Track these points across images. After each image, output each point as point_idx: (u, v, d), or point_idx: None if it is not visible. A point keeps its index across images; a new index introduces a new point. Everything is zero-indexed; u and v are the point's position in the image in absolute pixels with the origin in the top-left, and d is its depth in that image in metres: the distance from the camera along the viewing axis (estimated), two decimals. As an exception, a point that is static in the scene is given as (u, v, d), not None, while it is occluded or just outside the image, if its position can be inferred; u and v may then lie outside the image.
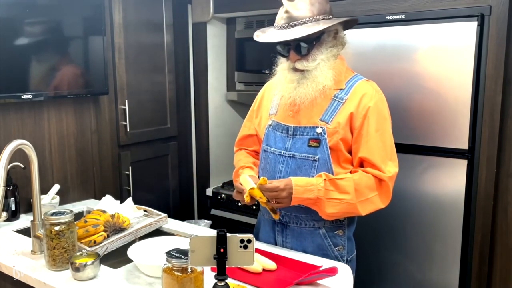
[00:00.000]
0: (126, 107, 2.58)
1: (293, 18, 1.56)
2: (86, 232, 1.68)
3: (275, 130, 1.71)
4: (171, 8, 2.83)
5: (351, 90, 1.63)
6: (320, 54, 1.60)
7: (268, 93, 1.82)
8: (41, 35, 2.09)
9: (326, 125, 1.61)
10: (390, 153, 1.63)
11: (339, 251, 1.70)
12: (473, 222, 2.00)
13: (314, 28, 1.54)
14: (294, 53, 1.61)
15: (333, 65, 1.62)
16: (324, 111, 1.62)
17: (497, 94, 1.90)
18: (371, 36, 2.15)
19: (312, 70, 1.60)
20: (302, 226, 1.69)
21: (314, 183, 1.55)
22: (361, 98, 1.61)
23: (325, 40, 1.61)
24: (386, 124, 1.63)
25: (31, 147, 1.67)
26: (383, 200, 1.61)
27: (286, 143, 1.67)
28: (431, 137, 2.04)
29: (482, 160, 1.95)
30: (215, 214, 3.00)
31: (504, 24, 1.85)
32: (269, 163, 1.71)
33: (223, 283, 1.18)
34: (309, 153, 1.62)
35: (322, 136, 1.60)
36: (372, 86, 1.66)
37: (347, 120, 1.60)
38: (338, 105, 1.62)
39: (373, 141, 1.59)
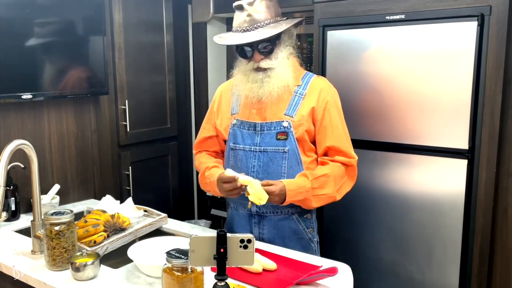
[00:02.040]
0: (126, 107, 2.58)
1: (256, 21, 1.70)
2: (86, 232, 1.68)
3: (241, 129, 1.80)
4: (171, 8, 2.83)
5: (308, 85, 1.77)
6: (280, 52, 1.73)
7: (225, 95, 1.91)
8: (41, 35, 2.09)
9: (291, 118, 1.73)
10: (349, 140, 1.80)
11: (311, 233, 1.83)
12: (473, 222, 2.00)
13: (279, 29, 1.68)
14: (258, 53, 1.71)
15: (291, 63, 1.76)
16: (287, 106, 1.75)
17: (497, 94, 1.90)
18: (371, 36, 2.15)
19: (275, 68, 1.72)
20: (278, 214, 1.79)
21: (303, 185, 1.67)
22: (320, 93, 1.75)
23: (283, 40, 1.74)
24: (342, 115, 1.80)
25: (31, 147, 1.67)
26: (352, 182, 1.79)
27: (255, 139, 1.77)
28: (431, 137, 2.04)
29: (482, 160, 1.95)
30: (215, 214, 3.00)
31: (504, 24, 1.85)
32: (240, 160, 1.79)
33: (223, 283, 1.18)
34: (279, 145, 1.74)
35: (288, 129, 1.73)
36: (325, 81, 1.82)
37: (309, 113, 1.73)
38: (299, 99, 1.75)
39: (338, 131, 1.75)
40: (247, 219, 1.83)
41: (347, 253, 2.34)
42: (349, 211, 2.32)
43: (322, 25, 2.28)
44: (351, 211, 2.31)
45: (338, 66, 2.25)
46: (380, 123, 2.16)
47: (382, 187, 2.21)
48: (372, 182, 2.23)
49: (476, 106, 1.94)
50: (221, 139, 1.91)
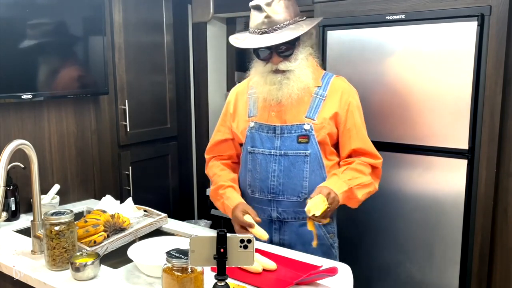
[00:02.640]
0: (126, 107, 2.58)
1: (274, 22, 1.63)
2: (86, 232, 1.68)
3: (260, 132, 1.75)
4: (171, 8, 2.83)
5: (328, 86, 1.73)
6: (300, 54, 1.68)
7: (241, 97, 1.85)
8: (41, 35, 2.09)
9: (312, 121, 1.69)
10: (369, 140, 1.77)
11: (332, 238, 1.80)
12: (473, 222, 2.00)
13: (300, 30, 1.63)
14: (276, 55, 1.66)
15: (311, 64, 1.72)
16: (308, 108, 1.70)
17: (497, 94, 1.90)
18: (371, 36, 2.15)
19: (294, 70, 1.67)
20: (299, 220, 1.74)
21: (335, 180, 1.65)
22: (342, 95, 1.71)
23: (303, 40, 1.69)
24: (363, 116, 1.77)
25: (31, 147, 1.67)
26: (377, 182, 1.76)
27: (275, 142, 1.72)
28: (431, 137, 2.04)
29: (482, 160, 1.95)
30: (215, 214, 3.00)
31: (504, 24, 1.85)
32: (259, 164, 1.75)
33: (223, 283, 1.18)
34: (300, 149, 1.69)
35: (310, 132, 1.69)
36: (345, 81, 1.78)
37: (332, 116, 1.70)
38: (320, 101, 1.71)
39: (362, 133, 1.72)
40: (267, 225, 1.78)
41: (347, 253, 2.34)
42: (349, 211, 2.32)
43: (322, 25, 2.28)
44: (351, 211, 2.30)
45: (338, 66, 2.25)
46: (380, 123, 2.16)
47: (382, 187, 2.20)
48: (372, 182, 2.22)
49: (476, 106, 1.94)
50: (237, 142, 1.86)
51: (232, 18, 3.05)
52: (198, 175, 3.16)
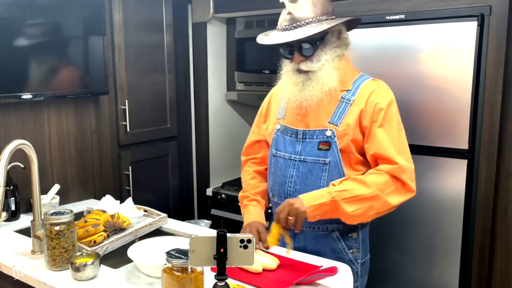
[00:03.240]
0: (126, 107, 2.58)
1: (295, 20, 1.56)
2: (86, 232, 1.68)
3: (284, 135, 1.70)
4: (171, 8, 2.83)
5: (358, 90, 1.62)
6: (325, 54, 1.59)
7: (275, 98, 1.82)
8: (41, 35, 2.09)
9: (335, 127, 1.59)
10: (400, 146, 1.58)
11: (353, 254, 1.69)
12: (473, 222, 2.00)
13: (317, 29, 1.53)
14: (298, 54, 1.60)
15: (338, 66, 1.61)
16: (332, 113, 1.61)
17: (497, 94, 1.90)
18: (371, 36, 2.15)
19: (316, 71, 1.59)
20: (316, 230, 1.67)
21: (323, 190, 1.54)
22: (369, 97, 1.60)
23: (329, 41, 1.60)
24: (394, 120, 1.60)
25: (31, 147, 1.67)
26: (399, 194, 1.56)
27: (296, 147, 1.66)
28: (431, 137, 2.04)
29: (482, 160, 1.95)
30: (215, 214, 3.00)
31: (504, 24, 1.85)
32: (279, 168, 1.70)
33: (223, 283, 1.18)
34: (320, 156, 1.61)
35: (332, 139, 1.59)
36: (379, 84, 1.66)
37: (357, 121, 1.59)
38: (346, 106, 1.61)
39: (381, 136, 1.57)
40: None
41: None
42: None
43: (322, 25, 2.28)
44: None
45: (338, 66, 2.25)
46: (380, 123, 2.16)
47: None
48: (372, 182, 2.22)
49: (476, 106, 1.94)
50: (268, 143, 1.82)
51: (232, 18, 3.05)
52: (198, 175, 3.15)
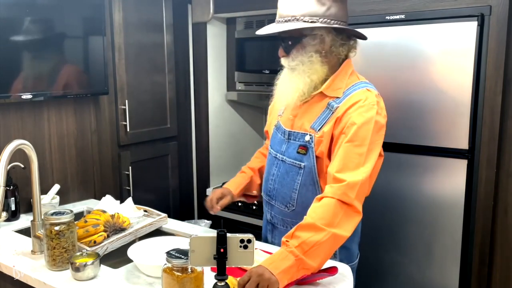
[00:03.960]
0: (126, 107, 2.58)
1: (280, 15, 1.56)
2: (86, 232, 1.68)
3: (278, 132, 1.72)
4: (171, 8, 2.83)
5: (345, 99, 1.55)
6: (300, 56, 1.56)
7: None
8: (41, 35, 2.09)
9: (314, 133, 1.57)
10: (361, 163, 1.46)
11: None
12: (473, 222, 2.00)
13: (283, 27, 1.52)
14: (281, 49, 1.60)
15: (316, 70, 1.56)
16: (316, 118, 1.58)
17: (497, 94, 1.90)
18: (371, 36, 2.14)
19: (291, 70, 1.58)
20: (289, 229, 1.63)
21: (280, 252, 1.37)
22: (349, 107, 1.51)
23: (308, 44, 1.55)
24: (366, 138, 1.47)
25: (31, 147, 1.67)
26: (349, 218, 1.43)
27: (282, 146, 1.67)
28: (431, 137, 2.04)
29: (482, 160, 1.95)
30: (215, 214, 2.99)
31: (504, 24, 1.85)
32: (268, 164, 1.74)
33: (223, 283, 1.18)
34: (297, 159, 1.60)
35: (309, 144, 1.57)
36: (368, 97, 1.53)
37: (331, 128, 1.54)
38: (328, 114, 1.56)
39: (343, 151, 1.47)
40: (266, 225, 1.82)
41: (347, 253, 2.34)
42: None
43: (322, 25, 2.28)
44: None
45: (338, 66, 2.25)
46: (380, 123, 2.16)
47: (382, 187, 2.20)
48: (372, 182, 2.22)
49: (476, 106, 1.94)
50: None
51: (232, 18, 3.05)
52: (198, 175, 3.15)
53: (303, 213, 1.46)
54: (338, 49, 1.58)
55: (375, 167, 1.53)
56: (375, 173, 1.57)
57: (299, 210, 1.60)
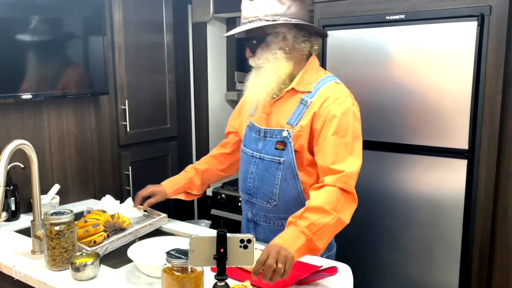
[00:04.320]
0: (126, 107, 2.58)
1: (244, 17, 1.64)
2: (86, 232, 1.68)
3: (251, 131, 1.76)
4: (171, 8, 2.83)
5: (317, 93, 1.62)
6: (264, 54, 1.63)
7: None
8: (41, 35, 2.09)
9: (291, 128, 1.62)
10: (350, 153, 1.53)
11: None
12: (473, 222, 2.00)
13: (247, 27, 1.60)
14: (248, 49, 1.67)
15: (282, 67, 1.62)
16: (291, 114, 1.64)
17: (497, 94, 1.90)
18: (371, 36, 2.15)
19: (258, 68, 1.65)
20: (272, 225, 1.73)
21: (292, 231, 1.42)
22: (324, 101, 1.59)
23: (272, 42, 1.62)
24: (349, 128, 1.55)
25: (31, 147, 1.67)
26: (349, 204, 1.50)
27: (258, 144, 1.71)
28: (431, 137, 2.04)
29: (482, 160, 1.95)
30: (215, 214, 3.00)
31: (504, 24, 1.85)
32: (244, 164, 1.78)
33: (223, 283, 1.18)
34: (276, 155, 1.65)
35: (287, 139, 1.63)
36: (339, 89, 1.62)
37: (309, 123, 1.60)
38: (303, 108, 1.62)
39: (331, 144, 1.53)
40: (246, 223, 1.86)
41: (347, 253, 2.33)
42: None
43: (322, 25, 2.28)
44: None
45: (338, 66, 2.25)
46: (380, 123, 2.16)
47: (382, 187, 2.21)
48: (372, 182, 2.22)
49: (476, 106, 1.94)
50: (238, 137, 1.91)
51: (232, 18, 3.05)
52: (198, 175, 3.15)
53: (285, 207, 1.62)
54: (300, 45, 1.65)
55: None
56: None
57: (281, 205, 1.66)
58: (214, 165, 1.97)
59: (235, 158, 1.95)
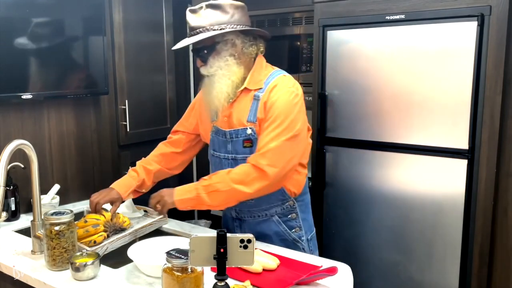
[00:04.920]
0: (126, 107, 2.58)
1: (191, 28, 1.71)
2: (86, 232, 1.68)
3: (217, 136, 1.82)
4: (171, 8, 2.83)
5: (267, 87, 1.70)
6: (216, 62, 1.69)
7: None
8: (41, 35, 2.09)
9: (253, 125, 1.70)
10: (271, 136, 1.63)
11: (296, 233, 1.81)
12: (473, 222, 2.00)
13: (196, 38, 1.66)
14: (199, 59, 1.73)
15: (234, 72, 1.70)
16: (248, 112, 1.72)
17: (497, 94, 1.90)
18: (371, 36, 2.15)
19: (211, 76, 1.71)
20: (256, 218, 1.81)
21: (193, 184, 1.69)
22: (270, 91, 1.68)
23: (222, 49, 1.69)
24: (281, 115, 1.64)
25: (31, 147, 1.67)
26: (258, 181, 1.63)
27: (227, 147, 1.77)
28: (431, 137, 2.05)
29: (482, 160, 1.95)
30: (215, 214, 3.00)
31: (504, 24, 1.85)
32: (217, 167, 1.83)
33: (223, 283, 1.18)
34: (246, 153, 1.72)
35: (253, 136, 1.71)
36: (283, 80, 1.70)
37: (261, 114, 1.69)
38: (257, 103, 1.71)
39: (265, 130, 1.65)
40: (231, 221, 1.89)
41: (347, 253, 2.34)
42: (349, 211, 2.32)
43: (322, 25, 2.28)
44: (351, 211, 2.31)
45: (338, 66, 2.25)
46: (380, 123, 2.17)
47: (382, 187, 2.21)
48: (372, 182, 2.23)
49: (476, 106, 1.94)
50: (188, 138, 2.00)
51: (232, 18, 3.05)
52: (198, 175, 3.15)
53: (266, 199, 1.73)
54: (249, 49, 1.73)
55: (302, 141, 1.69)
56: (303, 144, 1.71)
57: (262, 198, 1.73)
58: (165, 165, 2.01)
59: (186, 157, 2.04)
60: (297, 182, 1.78)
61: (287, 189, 1.76)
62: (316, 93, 2.34)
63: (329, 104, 2.31)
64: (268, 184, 1.63)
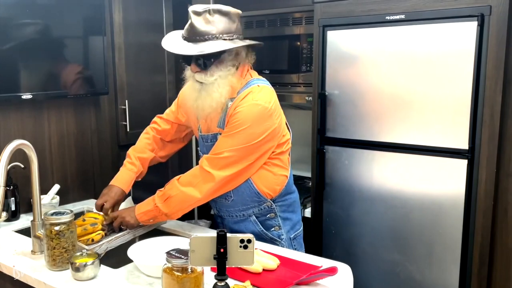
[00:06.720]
0: (126, 107, 2.58)
1: (196, 33, 1.64)
2: (84, 230, 1.69)
3: (202, 138, 1.86)
4: (171, 8, 2.83)
5: (238, 96, 1.70)
6: (219, 71, 1.68)
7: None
8: (41, 35, 2.09)
9: (223, 131, 1.73)
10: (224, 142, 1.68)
11: (276, 231, 1.85)
12: (473, 222, 2.00)
13: (213, 48, 1.61)
14: (194, 65, 1.69)
15: (231, 82, 1.70)
16: (219, 118, 1.75)
17: (497, 94, 1.90)
18: (371, 36, 2.15)
19: (209, 85, 1.69)
20: (234, 217, 1.86)
21: (153, 196, 1.77)
22: (239, 101, 1.68)
23: (226, 59, 1.68)
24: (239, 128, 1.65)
25: (31, 147, 1.67)
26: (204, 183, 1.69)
27: (207, 149, 1.80)
28: (431, 137, 2.04)
29: (482, 160, 1.95)
30: (215, 214, 2.99)
31: (504, 24, 1.85)
32: None
33: (223, 283, 1.18)
34: None
35: None
36: (254, 90, 1.69)
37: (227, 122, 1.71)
38: (225, 112, 1.73)
39: (221, 138, 1.70)
40: (216, 219, 1.98)
41: (347, 253, 2.34)
42: (349, 211, 2.32)
43: (322, 25, 2.28)
44: (351, 211, 2.31)
45: (338, 66, 2.25)
46: (380, 123, 2.17)
47: (382, 187, 2.21)
48: (372, 182, 2.23)
49: (476, 106, 1.94)
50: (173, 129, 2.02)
51: (232, 18, 3.05)
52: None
53: (241, 200, 1.79)
54: (248, 59, 1.77)
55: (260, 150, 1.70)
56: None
57: (237, 199, 1.80)
58: (157, 152, 2.06)
59: (175, 149, 2.10)
60: (273, 184, 1.79)
61: (262, 192, 1.78)
62: (316, 93, 2.34)
63: (329, 104, 2.31)
64: (216, 187, 1.69)
